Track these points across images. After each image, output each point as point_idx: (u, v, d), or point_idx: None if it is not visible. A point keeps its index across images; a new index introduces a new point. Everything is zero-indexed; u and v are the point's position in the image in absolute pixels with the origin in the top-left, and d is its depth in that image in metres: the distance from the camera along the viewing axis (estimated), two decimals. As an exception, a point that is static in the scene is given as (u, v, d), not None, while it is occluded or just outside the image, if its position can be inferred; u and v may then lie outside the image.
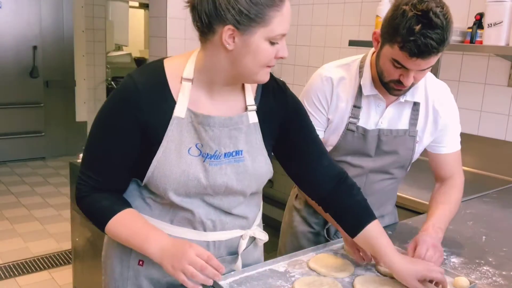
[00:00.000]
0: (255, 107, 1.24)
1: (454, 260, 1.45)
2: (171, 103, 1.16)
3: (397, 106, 1.56)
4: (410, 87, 1.46)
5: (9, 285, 3.17)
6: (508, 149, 2.49)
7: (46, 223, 4.17)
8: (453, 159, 1.63)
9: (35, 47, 5.88)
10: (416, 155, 1.64)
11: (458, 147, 1.64)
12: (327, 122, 1.59)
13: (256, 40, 1.08)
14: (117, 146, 1.18)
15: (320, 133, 1.58)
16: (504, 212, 1.96)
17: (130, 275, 1.26)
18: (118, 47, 8.15)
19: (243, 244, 1.29)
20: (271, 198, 3.96)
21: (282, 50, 1.14)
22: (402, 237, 1.59)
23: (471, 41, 2.40)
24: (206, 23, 1.08)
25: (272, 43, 1.11)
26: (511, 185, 2.36)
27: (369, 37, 2.78)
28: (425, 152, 1.70)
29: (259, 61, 1.12)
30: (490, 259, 1.46)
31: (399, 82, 1.40)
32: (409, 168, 1.69)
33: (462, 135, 2.71)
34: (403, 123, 1.57)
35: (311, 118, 1.52)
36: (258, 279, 1.26)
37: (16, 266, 3.40)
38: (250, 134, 1.23)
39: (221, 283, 1.22)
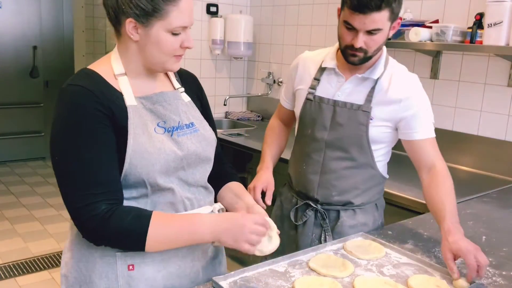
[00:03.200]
0: (183, 89, 1.36)
1: (454, 260, 1.45)
2: (119, 95, 1.21)
3: (356, 81, 1.66)
4: (366, 58, 1.57)
5: (9, 285, 3.17)
6: (508, 149, 2.49)
7: (46, 223, 4.17)
8: (430, 146, 1.63)
9: (35, 47, 5.88)
10: (376, 136, 1.64)
11: (432, 134, 1.64)
12: (293, 95, 1.82)
13: (156, 31, 1.17)
14: (104, 148, 1.15)
15: (287, 104, 1.89)
16: (504, 212, 1.96)
17: (122, 284, 1.22)
18: (118, 47, 8.15)
19: None
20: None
21: (187, 41, 1.22)
22: (402, 237, 1.59)
23: (471, 41, 2.40)
24: (113, 17, 1.19)
25: (174, 34, 1.19)
26: (511, 185, 2.36)
27: (369, 37, 2.79)
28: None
29: (163, 50, 1.20)
30: (490, 259, 1.46)
31: (352, 47, 1.54)
32: (372, 154, 1.67)
33: (462, 135, 2.72)
34: (360, 99, 1.65)
35: (284, 90, 1.90)
36: (258, 279, 1.26)
37: (16, 266, 3.41)
38: (191, 110, 1.34)
39: (221, 283, 1.22)
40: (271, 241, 1.25)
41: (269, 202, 1.63)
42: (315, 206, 1.74)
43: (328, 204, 1.73)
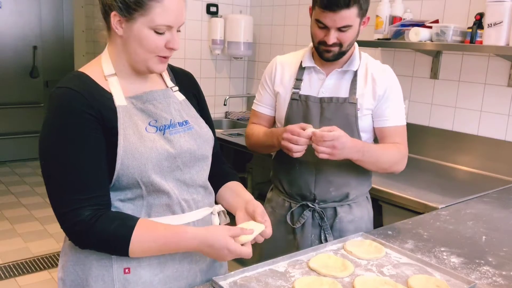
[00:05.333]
0: (177, 88, 1.35)
1: (454, 260, 1.45)
2: (109, 95, 1.20)
3: (336, 75, 1.72)
4: (341, 53, 1.63)
5: (9, 285, 3.18)
6: (508, 149, 2.49)
7: (46, 223, 4.17)
8: (397, 132, 1.73)
9: (35, 47, 5.89)
10: (364, 125, 1.71)
11: (403, 122, 1.75)
12: (274, 100, 1.81)
13: (138, 27, 1.16)
14: (91, 152, 1.14)
15: (267, 110, 1.84)
16: (504, 212, 1.96)
17: None
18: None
19: (215, 219, 1.36)
20: (271, 198, 3.96)
21: (172, 42, 1.20)
22: (402, 237, 1.59)
23: (471, 41, 2.40)
24: (103, 10, 1.19)
25: (158, 33, 1.17)
26: (511, 185, 2.36)
27: (369, 37, 2.79)
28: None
29: (145, 48, 1.18)
30: (490, 259, 1.46)
31: (325, 43, 1.61)
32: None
33: (462, 135, 2.71)
34: (344, 92, 1.71)
35: (259, 97, 1.85)
36: (258, 279, 1.26)
37: (16, 266, 3.41)
38: (185, 109, 1.33)
39: (221, 283, 1.22)
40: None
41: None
42: (312, 206, 1.74)
43: (324, 202, 1.75)
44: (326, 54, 1.64)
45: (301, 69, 1.75)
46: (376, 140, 1.80)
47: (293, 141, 1.55)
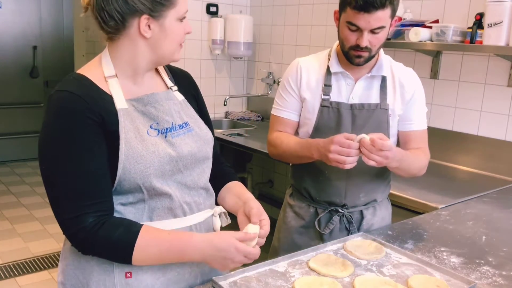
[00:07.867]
0: (176, 88, 1.34)
1: (454, 260, 1.45)
2: (109, 98, 1.18)
3: (365, 81, 1.68)
4: (370, 57, 1.59)
5: (9, 285, 3.18)
6: (508, 149, 2.49)
7: (46, 223, 4.17)
8: (420, 136, 1.74)
9: (35, 47, 5.89)
10: (393, 130, 1.71)
11: (425, 126, 1.76)
12: (300, 105, 1.74)
13: (169, 22, 1.19)
14: (93, 157, 1.12)
15: (293, 115, 1.76)
16: (504, 212, 1.96)
17: None
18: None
19: (217, 220, 1.36)
20: (271, 198, 3.96)
21: (187, 26, 1.25)
22: (402, 237, 1.59)
23: (471, 41, 2.41)
24: (119, 20, 1.15)
25: (181, 21, 1.21)
26: (511, 185, 2.36)
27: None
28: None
29: (175, 40, 1.22)
30: (490, 259, 1.46)
31: (357, 46, 1.56)
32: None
33: (463, 135, 2.72)
34: (374, 98, 1.68)
35: (283, 102, 1.77)
36: (258, 279, 1.26)
37: (16, 266, 3.41)
38: (185, 109, 1.32)
39: (221, 283, 1.22)
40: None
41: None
42: (342, 212, 1.72)
43: (354, 207, 1.73)
44: (357, 60, 1.59)
45: (329, 74, 1.69)
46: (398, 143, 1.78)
47: (344, 153, 1.47)
